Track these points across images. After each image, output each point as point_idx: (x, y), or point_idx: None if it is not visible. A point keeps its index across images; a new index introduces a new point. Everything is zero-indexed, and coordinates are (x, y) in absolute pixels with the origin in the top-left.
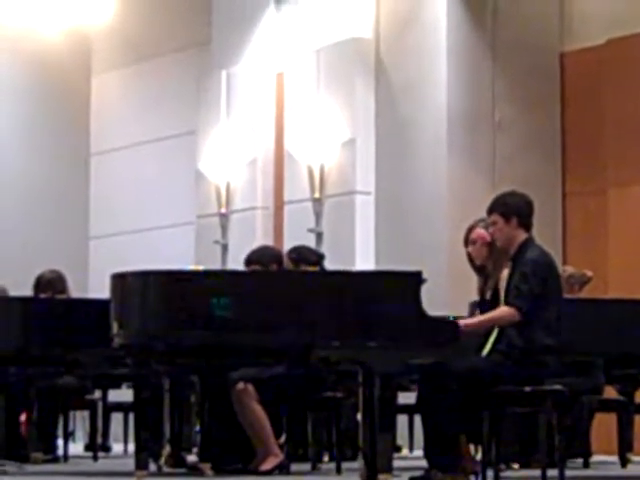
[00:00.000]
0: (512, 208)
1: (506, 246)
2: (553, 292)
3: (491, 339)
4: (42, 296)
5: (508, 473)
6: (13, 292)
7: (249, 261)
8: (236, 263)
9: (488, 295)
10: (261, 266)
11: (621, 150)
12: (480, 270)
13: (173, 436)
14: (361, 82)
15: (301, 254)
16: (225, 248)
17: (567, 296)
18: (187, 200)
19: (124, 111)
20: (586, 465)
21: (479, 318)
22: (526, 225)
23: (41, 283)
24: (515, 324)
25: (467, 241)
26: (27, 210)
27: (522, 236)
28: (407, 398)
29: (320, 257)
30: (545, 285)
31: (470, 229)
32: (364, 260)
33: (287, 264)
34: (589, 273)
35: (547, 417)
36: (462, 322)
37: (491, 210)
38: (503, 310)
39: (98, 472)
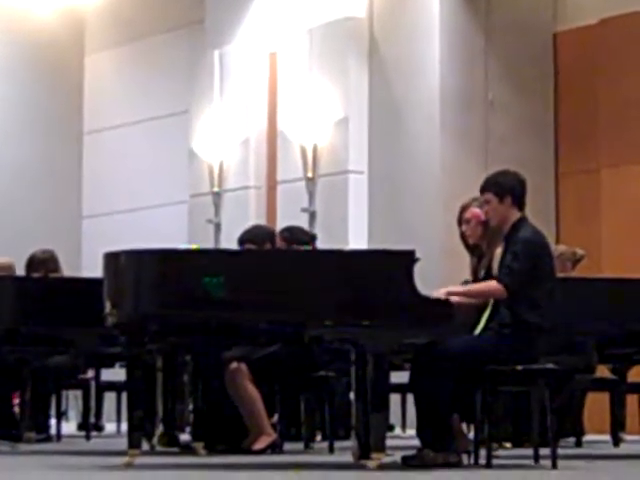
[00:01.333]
0: (506, 187)
1: (500, 225)
2: (545, 272)
3: (484, 318)
4: (35, 275)
5: (500, 452)
6: None
7: (243, 240)
8: (229, 242)
9: (481, 274)
10: (255, 245)
11: (614, 130)
12: (473, 249)
13: (166, 415)
14: (354, 61)
15: (293, 234)
16: (218, 227)
17: (560, 275)
18: (180, 179)
19: (117, 90)
20: (578, 444)
21: (465, 287)
22: (519, 204)
23: (34, 262)
24: (506, 302)
25: (461, 220)
26: (20, 189)
27: (515, 215)
28: (400, 377)
29: (312, 237)
30: (537, 264)
31: (464, 208)
32: (357, 239)
33: (279, 244)
34: (580, 251)
35: (540, 396)
36: (448, 289)
37: (484, 189)
38: (491, 284)
39: (91, 451)
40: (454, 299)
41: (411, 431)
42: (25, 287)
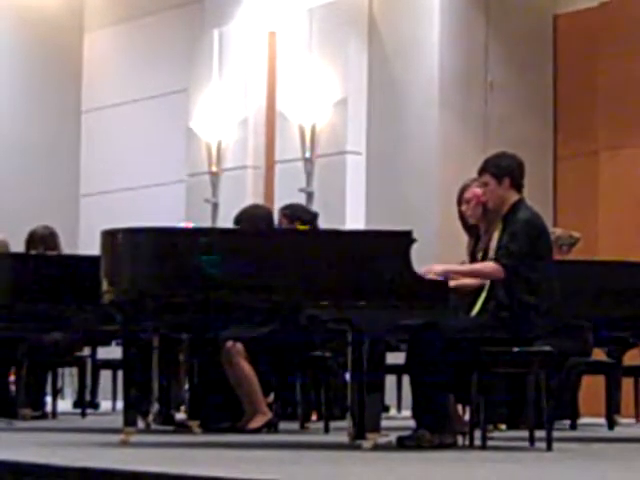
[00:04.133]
0: (504, 169)
1: (498, 207)
2: (543, 253)
3: (480, 299)
4: (34, 252)
5: (496, 434)
6: None
7: (239, 220)
8: (226, 222)
9: (479, 256)
10: (251, 225)
11: (613, 113)
12: (471, 230)
13: (162, 394)
14: (354, 42)
15: (295, 211)
16: (215, 207)
17: (556, 258)
18: (178, 158)
19: (116, 68)
20: (573, 427)
21: (463, 266)
22: (518, 186)
23: (34, 239)
24: (503, 283)
25: (460, 200)
26: (19, 167)
27: (514, 197)
28: (396, 358)
29: (314, 216)
30: (535, 246)
31: (464, 188)
32: (354, 220)
33: (281, 221)
34: (577, 234)
35: (535, 378)
36: (445, 267)
37: (483, 170)
38: (489, 265)
39: (86, 429)
40: (452, 283)
41: (406, 412)
42: (22, 264)
